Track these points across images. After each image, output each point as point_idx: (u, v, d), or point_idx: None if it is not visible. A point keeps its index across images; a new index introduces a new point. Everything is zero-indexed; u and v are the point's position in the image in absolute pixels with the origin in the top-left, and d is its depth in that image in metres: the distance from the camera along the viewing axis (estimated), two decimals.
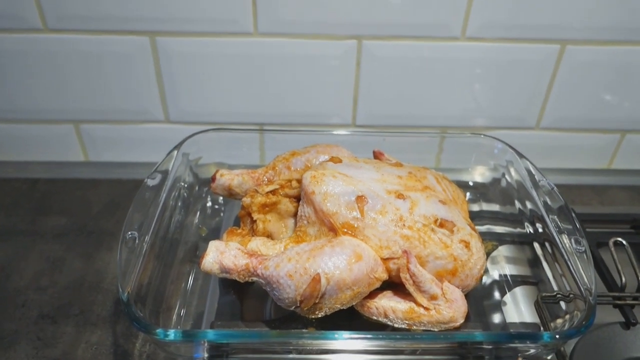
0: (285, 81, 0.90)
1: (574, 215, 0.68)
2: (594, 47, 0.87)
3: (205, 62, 0.87)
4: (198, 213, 0.83)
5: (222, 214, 0.85)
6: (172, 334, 0.55)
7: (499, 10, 0.83)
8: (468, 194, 0.86)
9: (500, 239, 0.79)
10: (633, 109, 0.94)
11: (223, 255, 0.61)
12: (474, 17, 0.83)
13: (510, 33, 0.85)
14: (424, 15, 0.83)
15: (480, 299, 0.70)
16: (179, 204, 0.78)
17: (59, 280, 0.77)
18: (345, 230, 0.61)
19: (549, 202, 0.71)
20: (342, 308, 0.60)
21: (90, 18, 0.82)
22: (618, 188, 0.98)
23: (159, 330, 0.55)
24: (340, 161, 0.68)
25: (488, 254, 0.76)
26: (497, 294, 0.72)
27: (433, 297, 0.60)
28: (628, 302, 0.68)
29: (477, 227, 0.81)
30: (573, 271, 0.62)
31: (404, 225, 0.61)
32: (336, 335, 0.55)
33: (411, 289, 0.60)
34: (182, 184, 0.79)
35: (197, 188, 0.83)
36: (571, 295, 0.63)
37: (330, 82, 0.90)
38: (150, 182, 0.71)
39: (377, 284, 0.61)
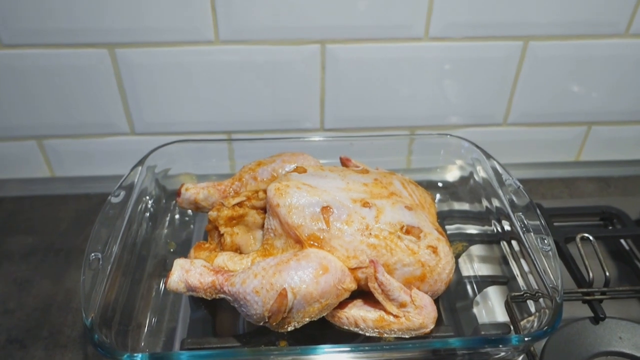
0: (251, 88, 0.89)
1: (539, 212, 0.69)
2: (556, 42, 0.87)
3: (168, 72, 0.86)
4: (166, 226, 0.82)
5: (192, 226, 0.84)
6: (139, 358, 0.54)
7: (460, 10, 0.83)
8: (437, 195, 0.87)
9: (471, 239, 0.80)
10: (598, 101, 0.95)
11: (189, 273, 0.60)
12: (436, 17, 0.83)
13: (472, 32, 0.85)
14: (386, 18, 0.82)
15: (452, 301, 0.71)
16: (147, 216, 0.77)
17: (26, 302, 0.75)
18: (312, 242, 0.61)
19: (515, 200, 0.71)
20: (312, 320, 0.60)
21: (46, 32, 0.81)
22: (586, 179, 0.99)
23: (125, 356, 0.54)
24: (305, 171, 0.68)
25: (459, 255, 0.77)
26: (468, 295, 0.72)
27: (402, 305, 0.60)
28: (596, 297, 0.69)
29: (447, 227, 0.81)
30: (539, 270, 0.63)
31: (370, 234, 0.61)
32: (309, 350, 0.55)
33: (380, 297, 0.60)
34: (148, 198, 0.78)
35: (164, 201, 0.82)
36: (538, 294, 0.63)
37: (296, 88, 0.89)
38: (114, 200, 0.70)
39: (346, 295, 0.61)
